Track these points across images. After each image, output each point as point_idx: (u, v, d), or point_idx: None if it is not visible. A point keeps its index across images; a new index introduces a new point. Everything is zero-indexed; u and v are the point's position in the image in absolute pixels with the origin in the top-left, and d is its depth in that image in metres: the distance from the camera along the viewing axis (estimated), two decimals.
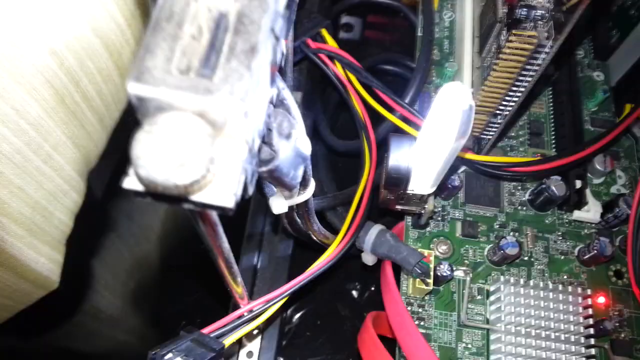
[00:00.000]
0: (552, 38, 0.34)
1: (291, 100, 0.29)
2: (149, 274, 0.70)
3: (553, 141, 0.54)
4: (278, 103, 0.28)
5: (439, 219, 0.51)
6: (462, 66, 0.54)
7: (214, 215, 0.23)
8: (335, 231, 0.47)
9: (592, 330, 0.44)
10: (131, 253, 0.68)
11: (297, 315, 0.59)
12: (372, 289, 0.63)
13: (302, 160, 0.29)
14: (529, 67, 0.37)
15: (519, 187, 0.53)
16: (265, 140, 0.25)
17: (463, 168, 0.52)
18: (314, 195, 0.55)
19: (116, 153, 0.59)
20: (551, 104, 0.56)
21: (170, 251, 0.70)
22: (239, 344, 0.48)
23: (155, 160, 0.16)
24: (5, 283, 0.45)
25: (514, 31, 0.36)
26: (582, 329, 0.44)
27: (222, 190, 0.18)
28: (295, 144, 0.27)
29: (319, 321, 0.59)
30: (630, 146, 0.56)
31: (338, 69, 0.53)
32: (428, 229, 0.50)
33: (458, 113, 0.33)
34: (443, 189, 0.50)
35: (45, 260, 0.48)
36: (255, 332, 0.48)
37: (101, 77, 0.49)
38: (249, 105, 0.17)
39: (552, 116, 0.56)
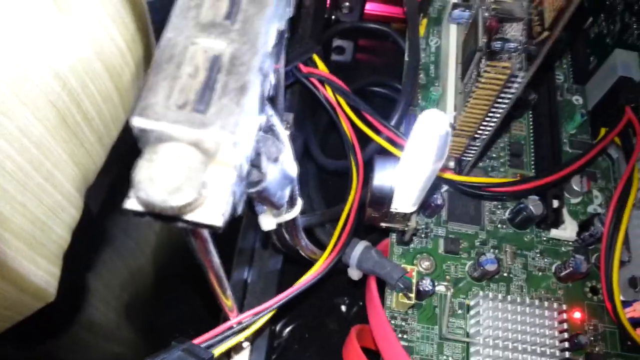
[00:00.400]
0: (524, 69, 0.37)
1: (279, 126, 0.31)
2: (143, 287, 0.72)
3: (532, 162, 0.57)
4: (267, 129, 0.31)
5: (423, 236, 0.53)
6: (446, 90, 0.56)
7: (205, 232, 0.25)
8: (323, 247, 0.49)
9: (567, 344, 0.46)
10: (126, 266, 0.70)
11: (286, 329, 0.61)
12: (360, 303, 0.64)
13: (289, 181, 0.31)
14: (503, 95, 0.40)
15: (499, 206, 0.55)
16: (254, 163, 0.28)
17: (446, 187, 0.54)
18: (303, 212, 0.57)
19: (113, 170, 0.61)
20: (531, 126, 0.59)
21: (164, 264, 0.72)
22: (228, 357, 0.49)
23: (154, 185, 0.19)
24: (5, 295, 0.47)
25: (489, 62, 0.38)
26: (557, 343, 0.46)
27: (213, 210, 0.20)
28: (282, 167, 0.29)
29: (307, 334, 0.60)
30: (607, 167, 0.59)
31: (328, 92, 0.55)
32: (412, 245, 0.52)
33: (435, 138, 0.36)
34: (426, 207, 0.52)
35: (43, 274, 0.50)
36: (244, 345, 0.50)
37: (101, 98, 0.51)
38: (238, 137, 0.20)
39: (532, 138, 0.58)
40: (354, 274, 0.49)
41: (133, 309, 0.71)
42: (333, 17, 0.72)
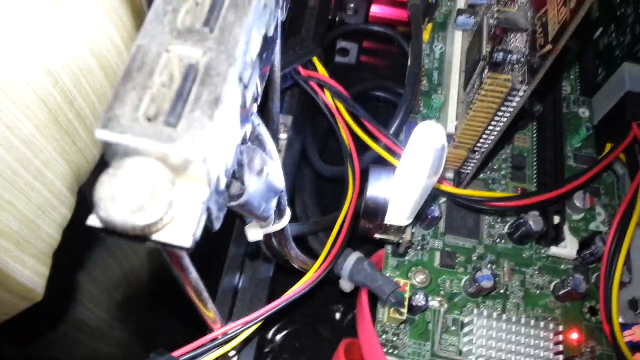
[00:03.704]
0: (526, 82, 0.36)
1: (267, 136, 0.30)
2: (136, 288, 0.71)
3: (535, 176, 0.56)
4: (253, 138, 0.29)
5: (418, 248, 0.52)
6: (448, 98, 0.55)
7: (182, 255, 0.24)
8: (315, 256, 0.48)
9: None
10: (120, 267, 0.69)
11: (278, 336, 0.60)
12: (355, 312, 0.63)
13: (274, 193, 0.30)
14: (503, 108, 0.38)
15: (499, 220, 0.54)
16: (236, 175, 0.26)
17: (444, 199, 0.53)
18: (298, 219, 0.56)
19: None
20: (535, 139, 0.58)
21: (158, 266, 0.71)
22: None
23: (115, 203, 0.17)
24: None
25: (490, 74, 0.37)
26: None
27: (181, 230, 0.19)
28: (266, 179, 0.28)
29: (299, 343, 0.59)
30: (611, 184, 0.57)
31: (327, 97, 0.54)
32: (407, 257, 0.51)
33: (431, 151, 0.35)
34: (423, 219, 0.51)
35: (31, 273, 0.49)
36: (231, 353, 0.49)
37: (96, 96, 0.50)
38: (209, 152, 0.19)
39: (535, 150, 0.57)
40: (346, 285, 0.48)
41: (125, 309, 0.71)
42: (337, 18, 0.70)
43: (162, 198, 0.18)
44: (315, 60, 0.54)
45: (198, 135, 0.18)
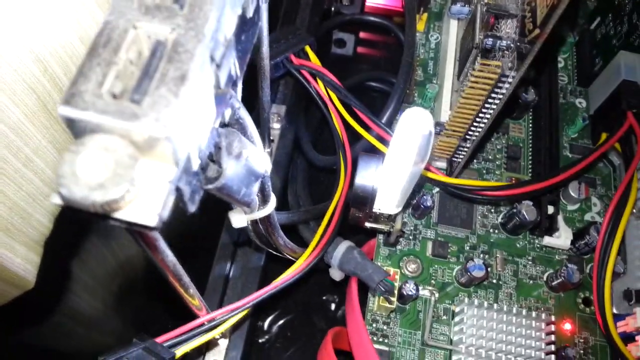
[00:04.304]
0: (515, 68, 0.35)
1: (248, 119, 0.30)
2: (131, 278, 0.71)
3: (529, 166, 0.55)
4: (233, 122, 0.29)
5: (411, 237, 0.51)
6: (443, 88, 0.54)
7: (152, 235, 0.23)
8: (306, 245, 0.48)
9: (553, 358, 0.45)
10: (114, 257, 0.69)
11: (271, 326, 0.60)
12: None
13: (255, 178, 0.30)
14: (494, 95, 0.38)
15: (492, 210, 0.53)
16: (214, 158, 0.26)
17: (437, 189, 0.53)
18: (290, 208, 0.56)
19: None
20: (531, 129, 0.57)
21: None
22: (203, 354, 0.48)
23: (75, 180, 0.17)
24: None
25: (480, 60, 0.37)
26: (543, 356, 0.45)
27: (145, 209, 0.19)
28: (246, 162, 0.28)
29: (291, 332, 0.59)
30: (608, 174, 0.56)
31: (320, 86, 0.53)
32: (399, 247, 0.51)
33: (418, 138, 0.34)
34: (416, 209, 0.51)
35: (21, 261, 0.49)
36: (222, 342, 0.49)
37: None
38: (174, 131, 0.18)
39: (530, 141, 0.56)
40: (336, 274, 0.48)
41: (121, 299, 0.71)
42: (333, 9, 0.70)
43: (124, 175, 0.17)
44: (307, 49, 0.54)
45: (163, 113, 0.18)
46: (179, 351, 0.34)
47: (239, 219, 0.35)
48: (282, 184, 0.56)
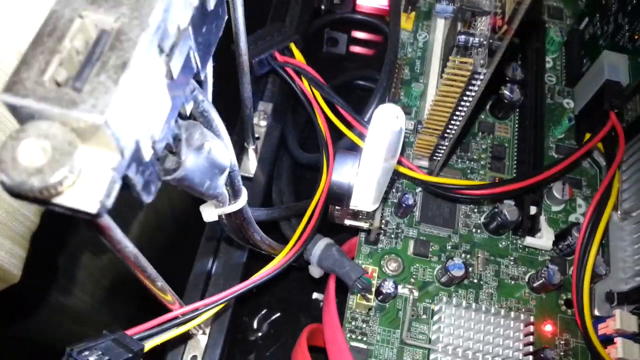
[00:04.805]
0: (486, 65, 0.35)
1: (214, 113, 0.30)
2: (123, 273, 0.71)
3: (514, 166, 0.55)
4: (198, 115, 0.29)
5: (393, 236, 0.51)
6: (428, 87, 0.54)
7: (105, 220, 0.24)
8: (287, 242, 0.48)
9: (531, 358, 0.44)
10: (104, 251, 0.69)
11: (256, 323, 0.60)
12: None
13: (220, 171, 0.30)
14: (467, 92, 0.38)
15: (475, 210, 0.53)
16: (174, 150, 0.26)
17: (420, 188, 0.53)
18: (273, 205, 0.56)
19: None
20: (516, 129, 0.57)
21: (146, 253, 0.71)
22: (184, 347, 0.48)
23: (15, 165, 0.17)
24: None
25: (451, 57, 0.37)
26: (521, 356, 0.44)
27: (86, 195, 0.19)
28: (208, 155, 0.28)
29: (275, 330, 0.59)
30: (594, 175, 0.56)
31: (304, 84, 0.54)
32: (380, 245, 0.51)
33: (388, 134, 0.34)
34: (398, 207, 0.51)
35: (5, 255, 0.49)
36: (200, 337, 0.49)
37: None
38: (113, 118, 0.18)
39: (515, 141, 0.56)
40: (315, 271, 0.48)
41: (111, 295, 0.71)
42: (323, 7, 0.70)
43: (61, 161, 0.18)
44: (292, 46, 0.54)
45: (100, 100, 0.18)
46: (149, 344, 0.34)
47: (209, 213, 0.35)
48: (266, 181, 0.56)
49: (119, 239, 0.25)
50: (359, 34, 0.77)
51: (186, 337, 0.49)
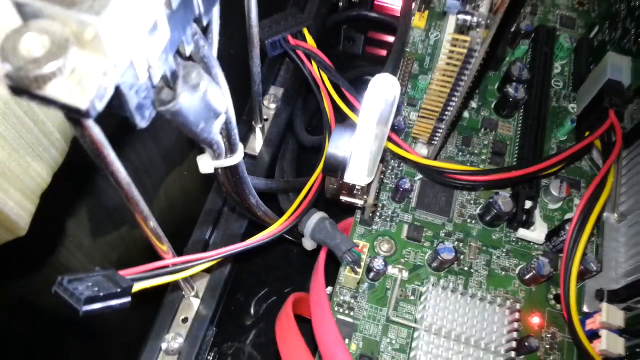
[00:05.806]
0: (481, 42, 0.36)
1: (214, 60, 0.32)
2: (133, 254, 0.73)
3: (514, 162, 0.55)
4: (198, 60, 0.31)
5: (388, 219, 0.52)
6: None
7: (95, 133, 0.25)
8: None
9: (514, 344, 0.45)
10: (111, 219, 0.71)
11: (256, 306, 0.61)
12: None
13: (215, 114, 0.31)
14: (465, 71, 0.39)
15: (472, 202, 0.54)
16: (171, 85, 0.28)
17: (419, 175, 0.54)
18: (270, 178, 0.57)
19: (111, 118, 0.62)
20: (519, 128, 0.58)
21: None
22: (175, 311, 0.50)
23: (15, 54, 0.19)
24: None
25: (450, 34, 0.38)
26: (504, 341, 0.45)
27: (78, 92, 0.21)
28: (204, 96, 0.30)
29: (266, 308, 0.60)
30: (592, 177, 0.56)
31: (314, 68, 0.55)
32: (375, 227, 0.52)
33: (381, 101, 0.36)
34: (395, 191, 0.52)
35: (14, 205, 0.52)
36: (193, 300, 0.50)
37: None
38: (106, 21, 0.20)
39: (517, 139, 0.57)
40: (308, 243, 0.49)
41: (113, 260, 0.72)
42: (341, 4, 0.72)
43: (57, 54, 0.20)
44: (305, 31, 0.56)
45: (98, 2, 0.20)
46: (138, 285, 0.36)
47: (206, 164, 0.37)
48: (270, 161, 0.58)
49: (111, 159, 0.27)
50: (376, 35, 0.79)
51: (181, 299, 0.50)
